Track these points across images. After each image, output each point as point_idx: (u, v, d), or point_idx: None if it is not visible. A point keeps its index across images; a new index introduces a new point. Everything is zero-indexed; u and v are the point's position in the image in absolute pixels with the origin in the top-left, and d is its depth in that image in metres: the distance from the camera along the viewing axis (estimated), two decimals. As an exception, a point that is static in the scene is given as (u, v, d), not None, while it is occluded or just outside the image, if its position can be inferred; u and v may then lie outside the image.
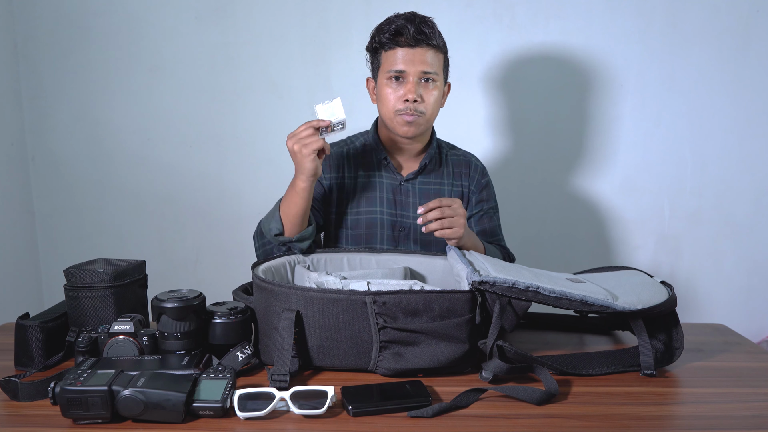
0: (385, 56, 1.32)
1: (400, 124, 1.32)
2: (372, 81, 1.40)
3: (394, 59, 1.30)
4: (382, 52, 1.33)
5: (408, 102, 1.29)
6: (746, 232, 2.01)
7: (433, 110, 1.34)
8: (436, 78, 1.32)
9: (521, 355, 0.96)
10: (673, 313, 1.04)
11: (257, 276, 1.04)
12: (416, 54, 1.28)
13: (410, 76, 1.29)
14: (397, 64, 1.29)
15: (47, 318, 1.05)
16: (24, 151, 1.98)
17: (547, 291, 0.98)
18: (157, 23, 1.91)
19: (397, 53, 1.30)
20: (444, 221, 1.16)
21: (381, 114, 1.37)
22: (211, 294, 1.10)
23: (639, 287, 1.07)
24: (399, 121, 1.32)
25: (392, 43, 1.30)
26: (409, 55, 1.29)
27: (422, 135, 1.38)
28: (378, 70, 1.35)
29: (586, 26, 1.91)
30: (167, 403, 0.81)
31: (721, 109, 1.94)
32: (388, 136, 1.41)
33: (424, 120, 1.33)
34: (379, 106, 1.37)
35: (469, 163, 1.47)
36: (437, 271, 1.28)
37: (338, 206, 1.40)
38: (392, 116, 1.33)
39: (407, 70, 1.29)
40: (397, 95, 1.31)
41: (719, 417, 0.86)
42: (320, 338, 0.97)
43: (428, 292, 0.97)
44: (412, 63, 1.28)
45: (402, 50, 1.29)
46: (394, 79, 1.31)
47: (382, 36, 1.31)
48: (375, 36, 1.34)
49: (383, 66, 1.33)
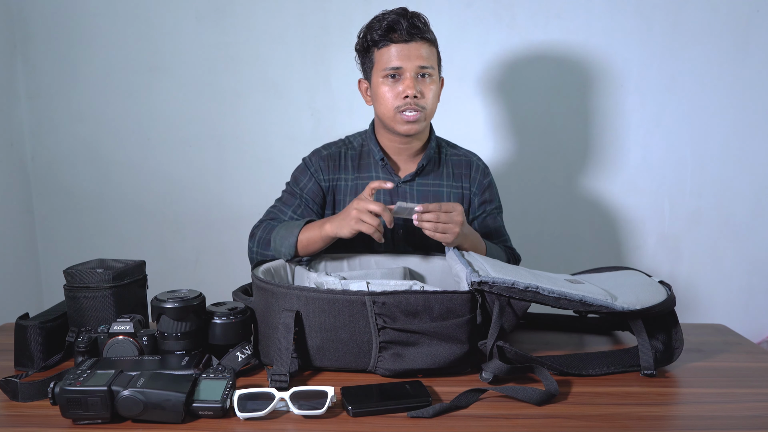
0: (378, 54, 1.29)
1: (401, 123, 1.29)
2: (364, 82, 1.37)
3: (389, 56, 1.27)
4: (374, 50, 1.30)
5: (408, 98, 1.26)
6: (746, 232, 2.01)
7: (432, 105, 1.32)
8: (433, 72, 1.30)
9: (521, 356, 0.96)
10: (672, 313, 1.04)
11: (257, 277, 1.04)
12: (411, 49, 1.25)
13: (407, 72, 1.26)
14: (392, 60, 1.26)
15: (47, 318, 1.05)
16: (24, 152, 1.98)
17: (547, 291, 0.98)
18: (157, 23, 1.91)
19: (392, 50, 1.26)
20: (438, 225, 1.14)
21: (379, 114, 1.34)
22: (211, 294, 1.10)
23: (638, 287, 1.07)
24: (400, 119, 1.29)
25: (386, 40, 1.26)
26: (404, 50, 1.25)
27: (422, 133, 1.36)
28: (371, 70, 1.32)
29: (586, 26, 1.90)
30: (167, 404, 0.81)
31: (721, 109, 1.94)
32: (385, 136, 1.38)
33: (424, 116, 1.30)
34: (377, 106, 1.33)
35: (470, 164, 1.44)
36: (436, 271, 1.28)
37: (336, 208, 1.39)
38: (392, 115, 1.29)
39: (404, 66, 1.26)
40: (395, 92, 1.28)
41: (719, 417, 0.86)
42: (320, 338, 0.97)
43: (428, 293, 0.97)
44: (408, 58, 1.25)
45: (396, 46, 1.26)
46: (390, 76, 1.28)
47: (374, 33, 1.28)
48: (366, 34, 1.31)
49: (377, 65, 1.29)
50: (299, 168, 1.42)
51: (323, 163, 1.39)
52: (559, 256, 2.02)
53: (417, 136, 1.36)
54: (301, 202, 1.38)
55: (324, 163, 1.39)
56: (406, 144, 1.37)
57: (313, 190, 1.37)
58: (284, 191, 1.42)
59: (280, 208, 1.39)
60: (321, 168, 1.39)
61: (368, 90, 1.37)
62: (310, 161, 1.41)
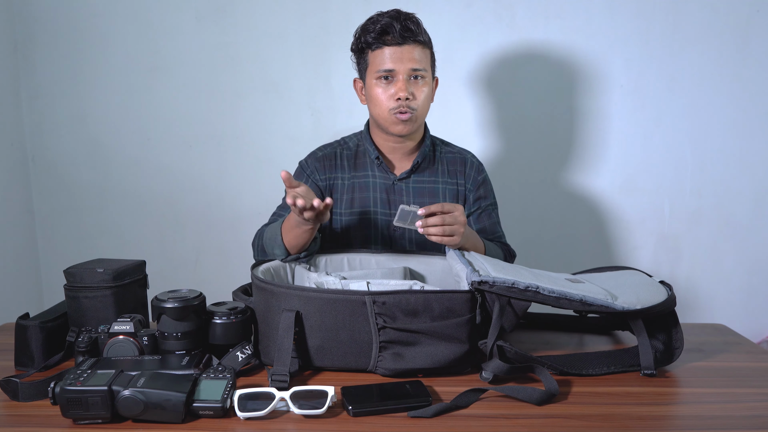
0: (372, 56, 1.32)
1: (393, 123, 1.32)
2: (359, 81, 1.40)
3: (382, 58, 1.29)
4: (368, 52, 1.32)
5: (400, 100, 1.29)
6: (746, 232, 2.01)
7: (424, 106, 1.34)
8: (425, 74, 1.32)
9: (521, 356, 0.96)
10: (672, 313, 1.04)
11: (256, 277, 1.04)
12: (404, 51, 1.28)
13: (400, 74, 1.29)
14: (385, 63, 1.29)
15: (47, 318, 1.05)
16: (24, 151, 1.98)
17: (547, 291, 0.98)
18: (157, 23, 1.91)
19: (385, 52, 1.29)
20: (445, 228, 1.13)
21: (373, 114, 1.37)
22: (211, 294, 1.10)
23: (638, 287, 1.07)
24: (392, 120, 1.31)
25: (379, 43, 1.29)
26: (397, 53, 1.28)
27: (415, 132, 1.38)
28: (366, 71, 1.35)
29: (586, 26, 1.90)
30: (167, 403, 0.81)
31: (721, 109, 1.94)
32: (380, 136, 1.40)
33: (416, 117, 1.32)
34: (371, 106, 1.36)
35: (465, 161, 1.45)
36: (436, 271, 1.28)
37: (334, 207, 1.40)
38: (386, 116, 1.32)
39: (396, 68, 1.29)
40: (388, 94, 1.30)
41: (719, 417, 0.86)
42: (320, 338, 0.97)
43: (428, 292, 0.97)
44: (401, 61, 1.28)
45: (389, 49, 1.29)
46: (383, 78, 1.31)
47: (368, 36, 1.30)
48: (360, 36, 1.33)
49: (371, 66, 1.32)
50: (296, 172, 1.44)
51: (319, 164, 1.40)
52: (558, 257, 2.02)
53: (411, 136, 1.38)
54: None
55: (320, 163, 1.41)
56: (400, 143, 1.39)
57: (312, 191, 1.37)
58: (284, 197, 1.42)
59: (278, 213, 1.41)
60: (317, 169, 1.40)
61: (363, 90, 1.39)
62: (306, 164, 1.43)
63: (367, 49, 1.32)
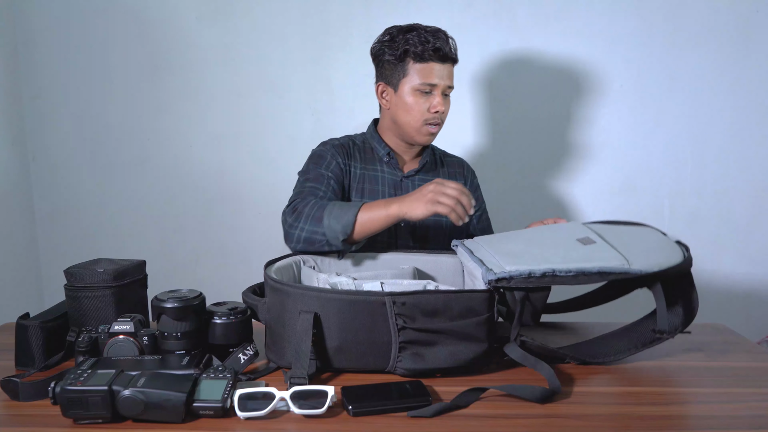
0: (415, 67, 1.34)
1: (423, 134, 1.38)
2: (385, 86, 1.40)
3: (430, 73, 1.33)
4: (410, 62, 1.34)
5: (438, 113, 1.36)
6: (746, 233, 2.01)
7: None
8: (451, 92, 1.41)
9: (544, 348, 0.96)
10: (688, 275, 1.02)
11: (270, 277, 1.02)
12: (445, 69, 1.35)
13: (439, 89, 1.35)
14: (432, 78, 1.33)
15: (47, 318, 1.05)
16: (24, 151, 1.98)
17: (563, 271, 0.96)
18: (157, 23, 1.91)
19: (434, 68, 1.33)
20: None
21: (400, 121, 1.38)
22: (211, 294, 1.10)
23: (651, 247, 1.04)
24: (424, 130, 1.38)
25: (432, 58, 1.33)
26: (442, 70, 1.35)
27: None
28: (402, 79, 1.35)
29: (587, 27, 1.91)
30: (167, 403, 0.81)
31: (721, 110, 1.94)
32: (392, 139, 1.45)
33: (440, 128, 1.41)
34: (400, 113, 1.38)
35: (463, 165, 1.56)
36: (444, 270, 1.27)
37: (347, 193, 1.41)
38: (418, 126, 1.37)
39: (438, 83, 1.34)
40: (425, 106, 1.35)
41: (719, 417, 0.86)
42: (339, 340, 0.96)
43: (447, 292, 0.97)
44: (442, 78, 1.35)
45: (438, 65, 1.34)
46: (424, 92, 1.35)
47: (420, 47, 1.32)
48: (407, 44, 1.33)
49: (411, 77, 1.34)
50: (317, 151, 1.41)
51: (336, 150, 1.41)
52: (559, 256, 2.02)
53: None
54: (329, 181, 1.35)
55: (337, 150, 1.41)
56: (410, 147, 1.46)
57: (337, 170, 1.38)
58: (306, 175, 1.37)
59: (314, 186, 1.33)
60: (338, 153, 1.41)
61: (385, 94, 1.40)
62: (325, 146, 1.42)
63: (411, 59, 1.34)
